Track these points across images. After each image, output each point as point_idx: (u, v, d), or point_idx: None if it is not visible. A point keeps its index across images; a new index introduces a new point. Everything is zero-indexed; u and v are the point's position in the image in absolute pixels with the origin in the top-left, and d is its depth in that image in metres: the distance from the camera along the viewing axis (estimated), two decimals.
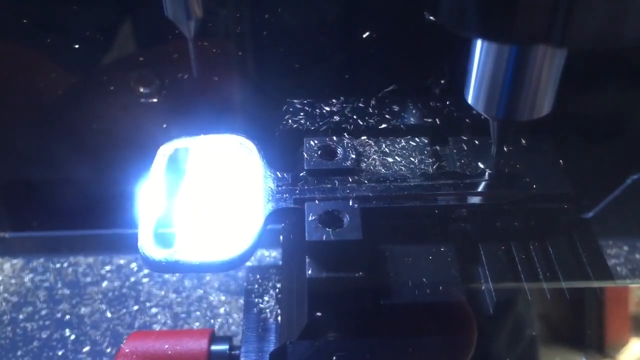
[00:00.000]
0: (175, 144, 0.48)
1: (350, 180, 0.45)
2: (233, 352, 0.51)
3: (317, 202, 0.43)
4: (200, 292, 0.70)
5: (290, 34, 0.60)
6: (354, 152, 0.47)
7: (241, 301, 0.68)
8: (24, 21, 0.59)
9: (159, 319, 0.67)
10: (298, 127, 0.50)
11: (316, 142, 0.48)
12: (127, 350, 0.50)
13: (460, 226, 0.46)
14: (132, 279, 0.71)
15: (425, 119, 0.52)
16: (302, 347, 0.41)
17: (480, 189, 0.45)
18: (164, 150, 0.48)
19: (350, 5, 0.59)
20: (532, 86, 0.37)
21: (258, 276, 0.58)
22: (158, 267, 0.41)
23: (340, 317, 0.42)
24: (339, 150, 0.47)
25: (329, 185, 0.45)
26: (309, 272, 0.40)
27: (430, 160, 0.48)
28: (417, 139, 0.50)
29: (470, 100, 0.40)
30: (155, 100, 0.64)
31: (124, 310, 0.68)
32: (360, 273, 0.40)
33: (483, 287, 0.44)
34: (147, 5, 0.57)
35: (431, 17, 0.37)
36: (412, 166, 0.47)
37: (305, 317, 0.42)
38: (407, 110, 0.52)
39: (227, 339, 0.52)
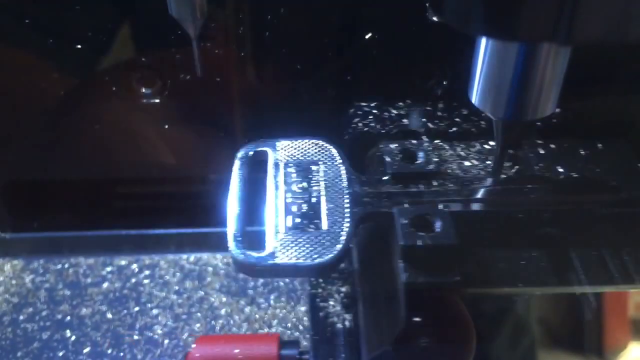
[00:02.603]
0: (253, 147, 0.48)
1: (434, 183, 0.45)
2: (303, 357, 0.51)
3: (406, 206, 0.43)
4: (201, 293, 0.70)
5: (292, 36, 0.60)
6: (435, 156, 0.47)
7: (242, 302, 0.68)
8: (26, 21, 0.59)
9: (160, 320, 0.67)
10: (369, 131, 0.50)
11: (395, 145, 0.47)
12: (197, 355, 0.49)
13: (549, 231, 0.45)
14: (133, 280, 0.71)
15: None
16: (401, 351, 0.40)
17: (567, 193, 0.44)
18: (243, 153, 0.48)
19: (352, 7, 0.59)
20: (537, 86, 0.37)
21: (321, 280, 0.57)
22: (250, 271, 0.41)
23: (435, 322, 0.41)
24: (419, 154, 0.47)
25: (415, 189, 0.44)
26: (404, 277, 0.39)
27: (509, 164, 0.47)
28: (491, 143, 0.49)
29: (474, 100, 0.40)
30: (157, 101, 0.64)
31: (125, 312, 0.68)
32: (457, 278, 0.39)
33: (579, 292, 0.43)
34: (150, 6, 0.57)
35: (434, 18, 0.37)
36: (491, 170, 0.47)
37: (398, 322, 0.41)
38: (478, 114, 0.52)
39: (295, 344, 0.52)
